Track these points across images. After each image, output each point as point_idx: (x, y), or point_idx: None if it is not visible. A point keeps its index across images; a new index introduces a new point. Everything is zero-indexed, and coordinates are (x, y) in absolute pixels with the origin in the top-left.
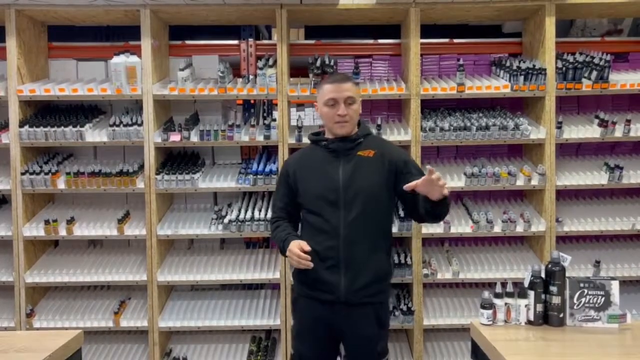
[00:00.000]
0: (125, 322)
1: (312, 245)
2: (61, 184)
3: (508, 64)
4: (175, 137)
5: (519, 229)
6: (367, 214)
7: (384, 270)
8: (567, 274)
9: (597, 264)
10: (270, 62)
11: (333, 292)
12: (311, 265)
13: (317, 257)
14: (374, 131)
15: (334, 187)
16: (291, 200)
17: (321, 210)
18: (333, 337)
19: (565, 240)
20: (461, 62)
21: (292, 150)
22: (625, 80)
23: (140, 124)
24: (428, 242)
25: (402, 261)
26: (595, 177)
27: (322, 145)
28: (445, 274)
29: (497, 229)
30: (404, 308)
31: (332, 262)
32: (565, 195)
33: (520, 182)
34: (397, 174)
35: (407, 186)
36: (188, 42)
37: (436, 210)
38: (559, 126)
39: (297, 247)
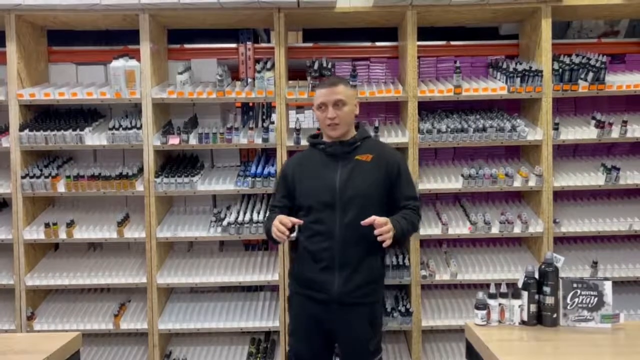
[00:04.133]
0: (125, 325)
1: (308, 245)
2: (61, 187)
3: (505, 65)
4: (174, 140)
5: (517, 230)
6: (363, 217)
7: (377, 272)
8: (564, 275)
9: (595, 264)
10: (269, 65)
11: (326, 292)
12: (287, 233)
13: (312, 257)
14: (372, 134)
15: (330, 190)
16: (289, 201)
17: (317, 212)
18: (327, 335)
19: (563, 241)
20: (458, 64)
21: (290, 152)
22: (621, 81)
23: (140, 128)
24: (426, 243)
25: (400, 263)
26: (592, 178)
27: (320, 148)
28: (443, 276)
29: (495, 230)
30: (402, 309)
31: (327, 263)
32: (563, 196)
33: (517, 184)
34: (390, 179)
35: (364, 223)
36: (187, 45)
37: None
38: (556, 127)
39: (280, 220)
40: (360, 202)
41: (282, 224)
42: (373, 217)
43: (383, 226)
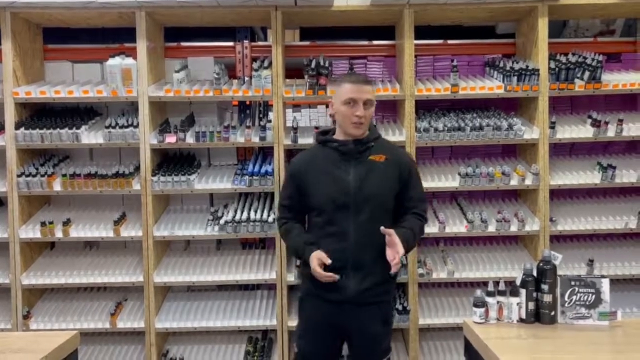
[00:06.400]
0: (122, 323)
1: (321, 247)
2: (57, 186)
3: (501, 64)
4: (171, 139)
5: (513, 228)
6: (376, 218)
7: (389, 272)
8: (560, 273)
9: (591, 262)
10: (266, 63)
11: (341, 293)
12: (337, 277)
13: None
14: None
15: (345, 190)
16: (298, 201)
17: (331, 213)
18: (338, 336)
19: (559, 240)
20: (455, 63)
21: (287, 151)
22: (617, 80)
23: (136, 126)
24: (423, 241)
25: None
26: (588, 176)
27: (333, 146)
28: (440, 274)
29: (492, 229)
30: (400, 307)
31: (341, 264)
32: (559, 194)
33: (514, 182)
34: (402, 181)
35: (383, 230)
36: (183, 43)
37: None
38: (552, 126)
39: (319, 263)
40: (373, 203)
41: (321, 275)
42: (390, 231)
43: (397, 246)
